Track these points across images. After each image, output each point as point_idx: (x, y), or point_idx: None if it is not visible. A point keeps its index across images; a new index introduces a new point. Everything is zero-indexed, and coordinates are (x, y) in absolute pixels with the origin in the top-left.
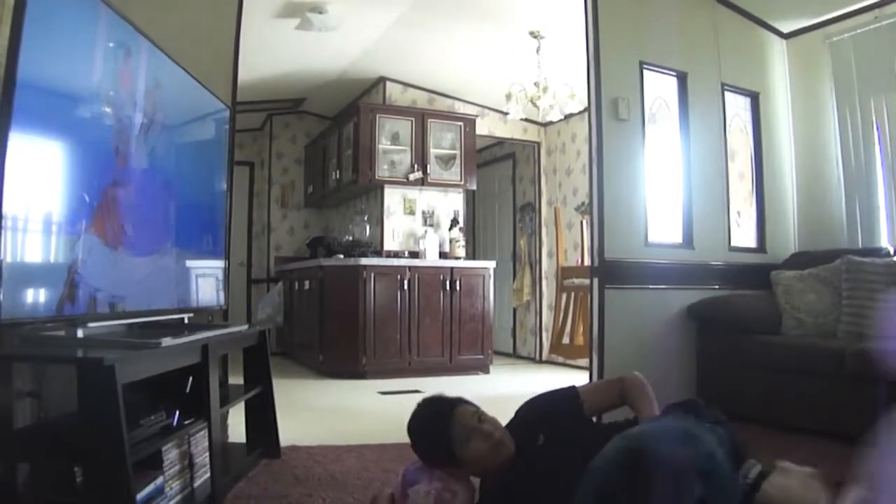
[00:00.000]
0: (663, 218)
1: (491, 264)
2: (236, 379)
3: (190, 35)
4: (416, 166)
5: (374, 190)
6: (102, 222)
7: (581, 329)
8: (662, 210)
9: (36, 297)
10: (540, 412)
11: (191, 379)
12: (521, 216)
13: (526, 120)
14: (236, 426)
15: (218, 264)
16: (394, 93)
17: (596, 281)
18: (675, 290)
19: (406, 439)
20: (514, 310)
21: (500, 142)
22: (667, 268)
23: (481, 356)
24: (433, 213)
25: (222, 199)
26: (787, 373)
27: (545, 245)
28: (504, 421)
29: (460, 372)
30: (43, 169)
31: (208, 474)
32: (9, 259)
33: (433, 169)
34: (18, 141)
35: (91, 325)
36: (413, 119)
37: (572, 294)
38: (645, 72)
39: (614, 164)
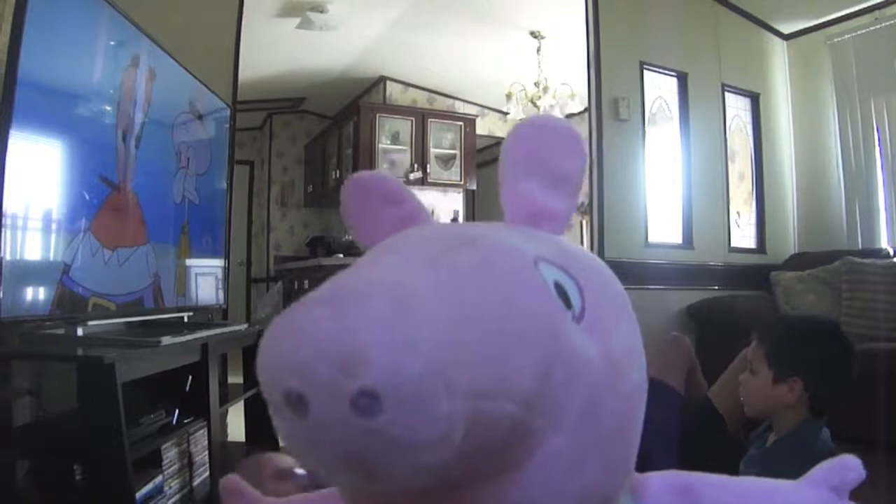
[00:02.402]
0: (663, 218)
1: None
2: (236, 378)
3: (191, 34)
4: (416, 166)
5: None
6: (101, 220)
7: None
8: (662, 210)
9: (35, 294)
10: None
11: (190, 378)
12: None
13: None
14: (235, 425)
15: (218, 263)
16: (394, 92)
17: None
18: (674, 291)
19: None
20: None
21: (501, 142)
22: (666, 268)
23: None
24: (433, 212)
25: (222, 198)
26: None
27: None
28: None
29: None
30: (42, 167)
31: (207, 473)
32: (8, 257)
33: (433, 169)
34: (18, 139)
35: (90, 323)
36: (413, 119)
37: None
38: (645, 72)
39: (614, 164)
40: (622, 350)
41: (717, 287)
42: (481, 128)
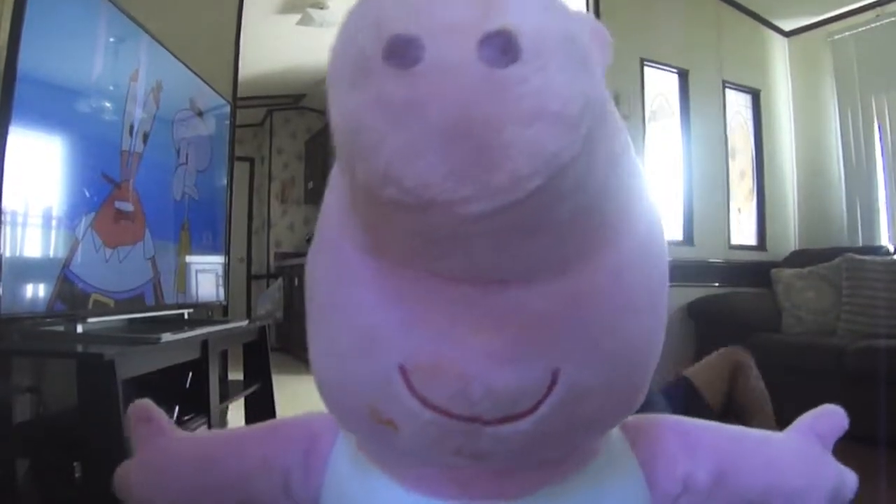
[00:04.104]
0: (663, 215)
1: None
2: (236, 375)
3: (191, 30)
4: None
5: None
6: (101, 217)
7: None
8: (663, 207)
9: (35, 291)
10: None
11: (190, 375)
12: None
13: None
14: (236, 422)
15: (218, 260)
16: None
17: None
18: (674, 288)
19: None
20: None
21: None
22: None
23: None
24: None
25: (223, 195)
26: (787, 371)
27: None
28: None
29: None
30: (41, 164)
31: None
32: (8, 253)
33: None
34: (18, 135)
35: (91, 320)
36: None
37: None
38: (646, 68)
39: None
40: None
41: (717, 284)
42: None
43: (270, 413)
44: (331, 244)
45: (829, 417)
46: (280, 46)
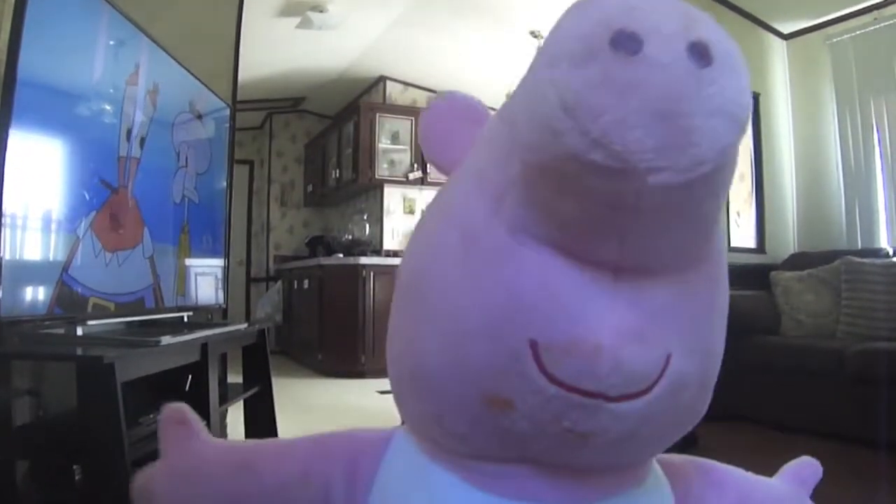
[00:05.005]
0: None
1: None
2: (235, 378)
3: (191, 33)
4: (415, 166)
5: (374, 189)
6: (100, 220)
7: None
8: None
9: (35, 294)
10: None
11: (190, 377)
12: None
13: None
14: (235, 425)
15: (217, 263)
16: (394, 92)
17: None
18: None
19: None
20: None
21: None
22: None
23: None
24: None
25: (222, 198)
26: (786, 373)
27: None
28: None
29: None
30: (43, 167)
31: None
32: (8, 256)
33: (433, 168)
34: (18, 139)
35: (90, 323)
36: (413, 118)
37: None
38: None
39: None
40: None
41: None
42: None
43: (270, 416)
44: (467, 228)
45: (809, 467)
46: (279, 49)
